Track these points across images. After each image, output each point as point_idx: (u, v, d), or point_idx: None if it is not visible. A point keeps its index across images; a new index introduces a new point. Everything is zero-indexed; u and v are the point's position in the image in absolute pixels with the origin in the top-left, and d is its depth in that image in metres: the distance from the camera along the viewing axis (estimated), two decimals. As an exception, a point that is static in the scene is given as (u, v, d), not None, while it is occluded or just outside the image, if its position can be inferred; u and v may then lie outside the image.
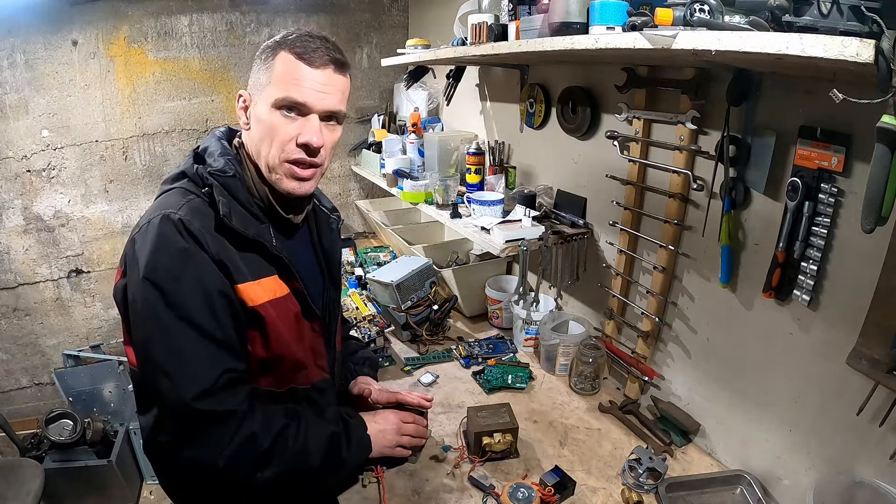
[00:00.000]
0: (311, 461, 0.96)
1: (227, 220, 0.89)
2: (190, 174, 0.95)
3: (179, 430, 0.88)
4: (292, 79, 0.90)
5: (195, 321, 0.85)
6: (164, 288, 0.83)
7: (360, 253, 2.54)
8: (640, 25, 0.88)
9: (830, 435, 1.07)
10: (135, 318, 0.87)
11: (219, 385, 0.86)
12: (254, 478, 0.90)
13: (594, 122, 1.61)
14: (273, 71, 0.91)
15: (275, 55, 0.91)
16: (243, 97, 0.97)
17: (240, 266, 0.90)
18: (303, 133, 0.91)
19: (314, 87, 0.91)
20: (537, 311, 1.75)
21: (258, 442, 0.89)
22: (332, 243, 1.16)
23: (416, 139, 2.28)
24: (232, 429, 0.87)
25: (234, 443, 0.87)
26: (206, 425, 0.86)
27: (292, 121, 0.91)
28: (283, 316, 0.97)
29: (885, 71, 0.63)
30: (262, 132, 0.93)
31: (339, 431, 1.03)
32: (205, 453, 0.87)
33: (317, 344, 1.07)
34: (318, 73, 0.91)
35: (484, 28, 1.51)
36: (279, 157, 0.93)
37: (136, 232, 0.89)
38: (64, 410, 2.19)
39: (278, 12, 2.63)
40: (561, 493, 1.16)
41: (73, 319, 2.68)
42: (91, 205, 2.54)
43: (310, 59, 0.90)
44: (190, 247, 0.85)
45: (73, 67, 2.33)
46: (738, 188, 1.16)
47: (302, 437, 0.95)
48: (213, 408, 0.85)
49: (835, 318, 1.04)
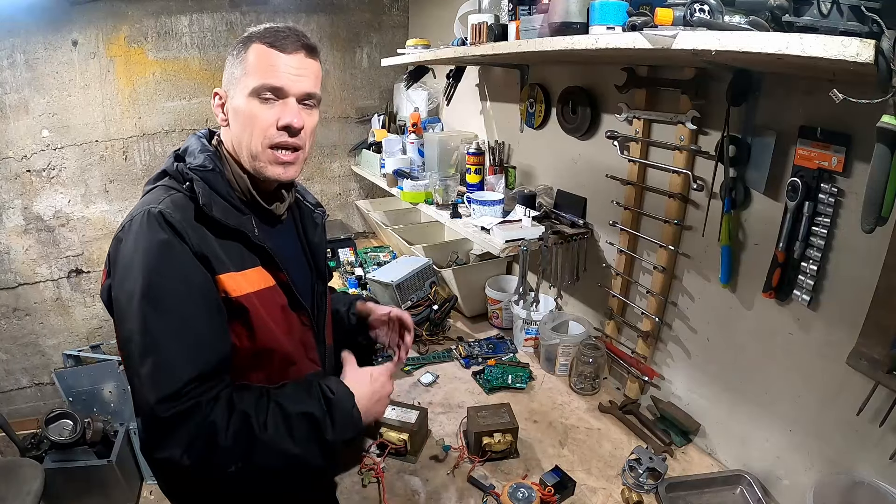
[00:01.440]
0: (287, 448, 0.89)
1: (206, 209, 0.90)
2: (171, 172, 0.97)
3: (146, 432, 0.87)
4: (267, 66, 0.92)
5: (174, 317, 0.84)
6: (142, 282, 0.83)
7: (360, 253, 2.54)
8: (640, 25, 0.88)
9: (830, 435, 1.07)
10: (118, 317, 0.87)
11: (186, 390, 0.83)
12: (227, 472, 0.86)
13: (594, 122, 1.61)
14: (247, 62, 0.93)
15: (246, 48, 0.93)
16: (219, 94, 0.99)
17: (220, 256, 0.90)
18: (283, 116, 0.93)
19: (289, 72, 0.93)
20: (537, 311, 1.75)
21: (218, 436, 0.84)
22: (318, 238, 1.17)
23: (416, 139, 2.28)
24: (192, 423, 0.84)
25: (196, 440, 0.83)
26: (168, 427, 0.84)
27: (270, 106, 0.93)
28: (270, 307, 0.96)
29: (885, 71, 0.63)
30: (241, 122, 0.95)
31: (317, 413, 0.93)
32: (169, 453, 0.84)
33: (306, 337, 1.06)
34: (291, 58, 0.93)
35: (484, 28, 1.51)
36: (262, 144, 0.94)
37: (119, 231, 0.90)
38: (64, 410, 2.19)
39: (278, 12, 2.63)
40: (561, 493, 1.16)
41: (73, 319, 2.68)
42: (91, 205, 2.55)
43: (281, 46, 0.92)
44: (170, 239, 0.86)
45: (73, 67, 2.33)
46: (738, 188, 1.16)
47: (272, 424, 0.88)
48: (175, 411, 0.83)
49: (835, 318, 1.04)
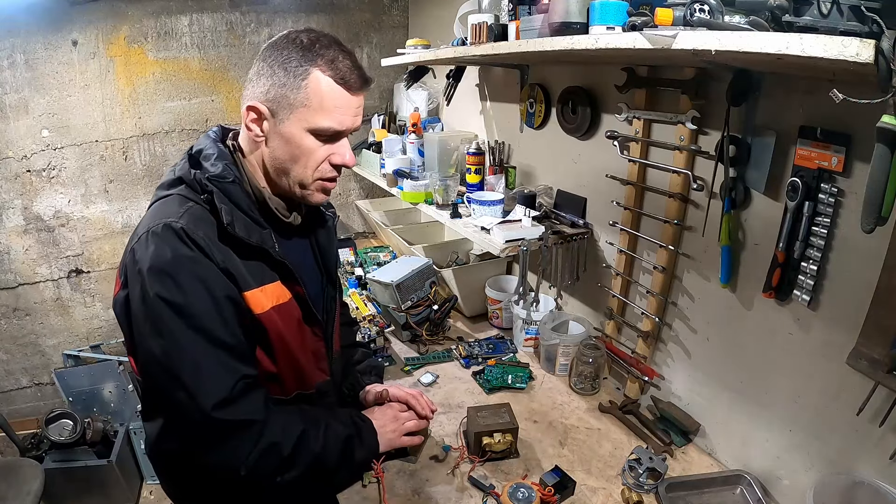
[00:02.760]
0: (327, 463, 0.98)
1: (230, 228, 0.87)
2: (187, 180, 0.92)
3: (199, 440, 0.88)
4: (335, 107, 0.87)
5: (207, 330, 0.84)
6: (172, 299, 0.82)
7: (360, 253, 2.54)
8: (640, 25, 0.88)
9: (830, 435, 1.07)
10: (142, 331, 0.85)
11: (236, 392, 0.85)
12: (274, 482, 0.92)
13: (594, 122, 1.61)
14: (309, 92, 0.86)
15: (308, 74, 0.85)
16: (257, 109, 0.89)
17: (244, 274, 0.89)
18: (338, 154, 0.93)
19: (353, 114, 0.91)
20: (537, 311, 1.74)
21: (280, 449, 0.91)
22: (329, 240, 1.17)
23: (416, 139, 2.27)
24: (253, 437, 0.88)
25: (256, 451, 0.88)
26: (226, 434, 0.86)
27: (325, 142, 0.92)
28: (287, 322, 0.96)
29: (885, 71, 0.63)
30: (291, 152, 0.91)
31: (353, 434, 1.05)
32: (226, 462, 0.87)
33: (318, 348, 1.07)
34: (356, 99, 0.90)
35: (484, 28, 1.51)
36: (313, 177, 0.94)
37: (135, 242, 0.86)
38: (64, 410, 2.19)
39: (278, 12, 2.63)
40: (561, 493, 1.16)
41: (73, 319, 2.68)
42: (91, 205, 2.55)
43: (349, 84, 0.88)
44: (196, 255, 0.84)
45: (73, 67, 2.33)
46: (738, 188, 1.16)
47: (321, 440, 0.97)
48: (233, 416, 0.85)
49: (835, 318, 1.04)
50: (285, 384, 1.01)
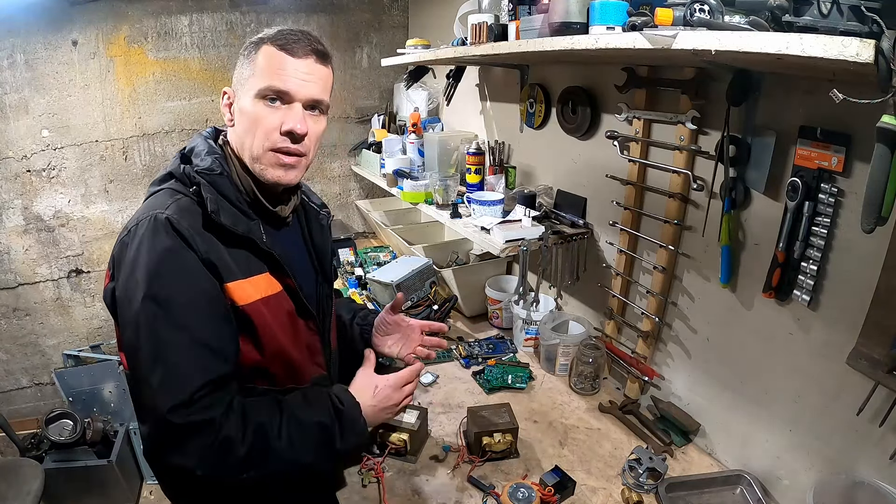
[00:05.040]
0: (300, 456, 0.92)
1: (215, 216, 0.88)
2: (177, 174, 0.95)
3: (157, 440, 0.87)
4: (275, 69, 0.91)
5: (185, 326, 0.84)
6: (150, 290, 0.82)
7: (360, 253, 2.54)
8: (640, 25, 0.88)
9: (830, 435, 1.07)
10: (123, 322, 0.86)
11: (199, 395, 0.83)
12: (240, 478, 0.88)
13: (594, 122, 1.61)
14: (256, 64, 0.92)
15: (257, 49, 0.93)
16: (227, 94, 0.98)
17: (229, 264, 0.89)
18: (286, 121, 0.92)
19: (297, 76, 0.92)
20: (537, 311, 1.75)
21: (234, 448, 0.86)
22: (323, 239, 1.16)
23: (416, 139, 2.28)
24: (208, 438, 0.84)
25: (210, 451, 0.84)
26: (181, 435, 0.84)
27: (276, 110, 0.92)
28: (276, 314, 0.96)
29: (885, 71, 0.63)
30: (246, 124, 0.94)
31: (328, 423, 0.96)
32: (182, 463, 0.85)
33: (312, 342, 1.06)
34: (301, 62, 0.92)
35: (484, 28, 1.51)
36: (263, 146, 0.93)
37: (124, 234, 0.88)
38: (64, 410, 2.19)
39: (278, 12, 2.63)
40: (561, 493, 1.16)
41: (73, 319, 2.68)
42: (91, 205, 2.55)
43: (292, 49, 0.92)
44: (177, 246, 0.85)
45: (73, 67, 2.33)
46: (738, 188, 1.16)
47: (286, 433, 0.90)
48: (189, 420, 0.83)
49: (835, 318, 1.04)
50: (276, 378, 0.99)
